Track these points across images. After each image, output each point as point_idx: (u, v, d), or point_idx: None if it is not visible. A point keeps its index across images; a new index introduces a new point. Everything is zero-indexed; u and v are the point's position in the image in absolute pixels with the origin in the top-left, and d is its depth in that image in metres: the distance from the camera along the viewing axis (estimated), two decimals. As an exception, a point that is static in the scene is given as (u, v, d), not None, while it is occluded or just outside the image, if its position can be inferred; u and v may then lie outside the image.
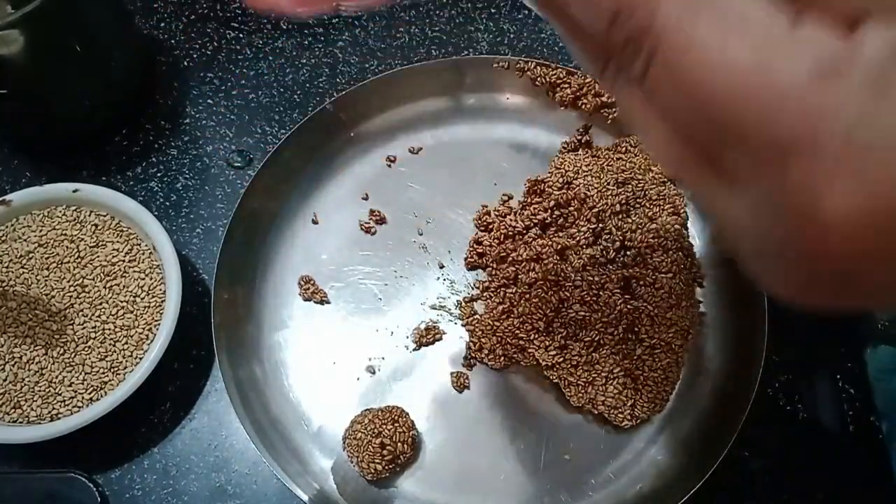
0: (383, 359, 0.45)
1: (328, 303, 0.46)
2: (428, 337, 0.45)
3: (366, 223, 0.48)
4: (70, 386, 0.42)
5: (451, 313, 0.46)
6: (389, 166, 0.50)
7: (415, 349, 0.45)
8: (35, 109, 0.49)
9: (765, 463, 0.43)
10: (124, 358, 0.43)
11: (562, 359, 0.42)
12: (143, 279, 0.45)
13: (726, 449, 0.39)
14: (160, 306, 0.44)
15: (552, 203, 0.45)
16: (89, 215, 0.46)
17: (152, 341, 0.43)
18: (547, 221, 0.46)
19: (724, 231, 0.18)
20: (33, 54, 0.44)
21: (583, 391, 0.42)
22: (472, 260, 0.47)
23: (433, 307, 0.46)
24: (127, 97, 0.53)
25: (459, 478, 0.42)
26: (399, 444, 0.40)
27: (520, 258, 0.44)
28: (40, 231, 0.46)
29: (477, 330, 0.44)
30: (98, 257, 0.45)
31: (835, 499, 0.42)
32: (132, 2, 0.58)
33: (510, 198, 0.49)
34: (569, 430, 0.43)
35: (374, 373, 0.44)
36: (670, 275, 0.43)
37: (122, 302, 0.44)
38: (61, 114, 0.50)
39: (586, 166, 0.47)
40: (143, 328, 0.43)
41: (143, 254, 0.46)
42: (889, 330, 0.47)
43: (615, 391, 0.42)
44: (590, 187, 0.46)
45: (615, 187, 0.46)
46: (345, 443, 0.41)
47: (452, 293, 0.46)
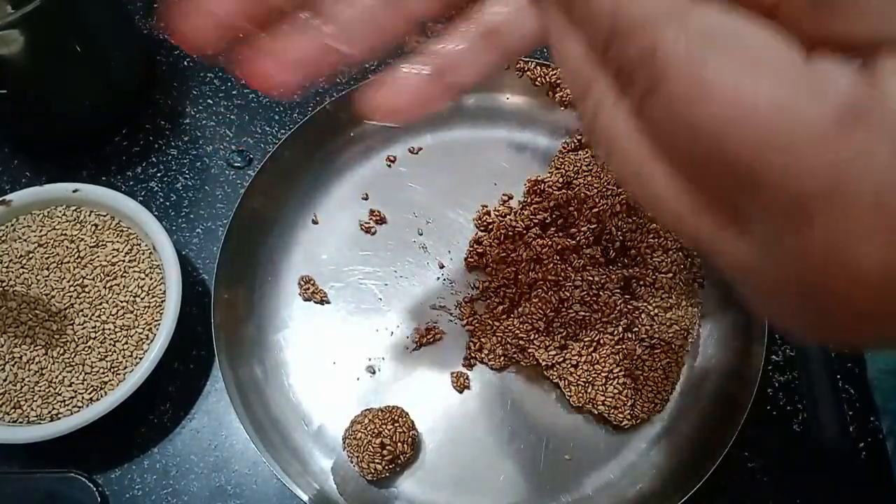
0: (383, 359, 0.45)
1: (328, 303, 0.46)
2: (428, 337, 0.45)
3: (366, 223, 0.48)
4: (70, 386, 0.42)
5: (451, 313, 0.46)
6: (389, 166, 0.50)
7: (415, 349, 0.45)
8: (35, 109, 0.49)
9: (765, 463, 0.43)
10: (124, 358, 0.43)
11: (562, 359, 0.42)
12: (143, 279, 0.45)
13: (726, 449, 0.39)
14: (160, 306, 0.44)
15: (552, 203, 0.45)
16: (89, 215, 0.46)
17: (152, 341, 0.43)
18: (547, 222, 0.46)
19: (726, 270, 0.17)
20: (33, 54, 0.44)
21: (583, 391, 0.42)
22: (472, 260, 0.47)
23: (433, 307, 0.46)
24: (127, 97, 0.53)
25: (459, 478, 0.42)
26: (399, 444, 0.40)
27: (520, 258, 0.44)
28: (40, 231, 0.46)
29: (477, 330, 0.44)
30: (98, 257, 0.45)
31: (835, 499, 0.42)
32: (132, 2, 0.58)
33: (510, 198, 0.49)
34: (569, 430, 0.43)
35: (374, 373, 0.44)
36: (670, 275, 0.43)
37: (122, 302, 0.44)
38: (61, 114, 0.50)
39: (586, 166, 0.47)
40: (143, 328, 0.43)
41: (143, 254, 0.46)
42: None
43: (615, 391, 0.42)
44: (590, 187, 0.46)
45: (615, 187, 0.46)
46: (345, 443, 0.41)
47: (452, 293, 0.46)
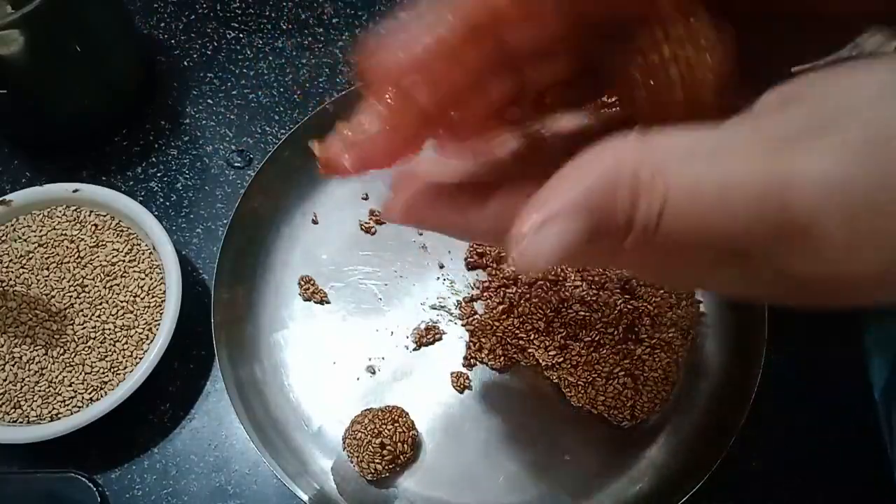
0: (383, 359, 0.45)
1: (328, 303, 0.46)
2: (428, 337, 0.45)
3: (366, 223, 0.48)
4: (70, 386, 0.42)
5: (451, 313, 0.46)
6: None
7: (415, 349, 0.45)
8: (35, 109, 0.49)
9: (765, 463, 0.43)
10: (124, 358, 0.43)
11: (562, 359, 0.42)
12: (143, 279, 0.45)
13: (726, 449, 0.39)
14: (160, 306, 0.44)
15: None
16: (89, 215, 0.46)
17: (152, 341, 0.43)
18: (547, 221, 0.46)
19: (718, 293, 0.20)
20: (33, 54, 0.44)
21: (583, 391, 0.42)
22: (472, 260, 0.47)
23: (433, 307, 0.46)
24: (127, 97, 0.53)
25: (459, 478, 0.42)
26: (399, 444, 0.40)
27: (520, 258, 0.44)
28: (40, 231, 0.46)
29: (477, 330, 0.44)
30: (98, 257, 0.45)
31: (835, 499, 0.42)
32: (132, 2, 0.58)
33: None
34: (569, 430, 0.43)
35: (374, 373, 0.44)
36: (670, 275, 0.43)
37: (122, 302, 0.44)
38: (61, 114, 0.50)
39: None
40: (143, 328, 0.43)
41: (143, 254, 0.46)
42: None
43: (615, 391, 0.41)
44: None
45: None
46: (345, 443, 0.41)
47: (452, 293, 0.46)
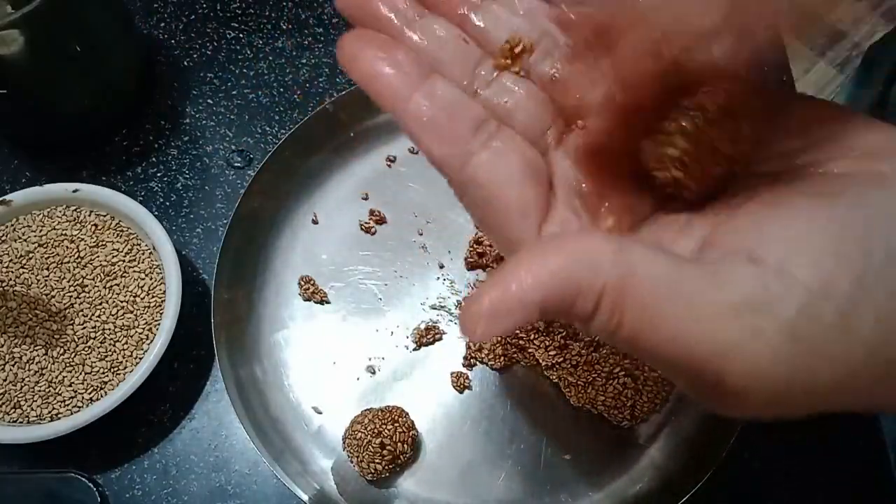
0: (383, 359, 0.45)
1: (328, 303, 0.46)
2: (428, 337, 0.45)
3: (366, 223, 0.48)
4: (70, 386, 0.42)
5: (451, 313, 0.46)
6: (389, 166, 0.50)
7: (415, 349, 0.45)
8: (35, 109, 0.49)
9: (765, 463, 0.43)
10: (124, 358, 0.43)
11: (562, 359, 0.42)
12: (143, 279, 0.45)
13: (726, 449, 0.39)
14: (160, 306, 0.44)
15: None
16: (89, 215, 0.46)
17: (152, 341, 0.43)
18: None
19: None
20: (33, 54, 0.44)
21: (583, 391, 0.42)
22: (472, 260, 0.47)
23: (433, 307, 0.46)
24: (127, 97, 0.53)
25: (459, 478, 0.42)
26: (399, 444, 0.40)
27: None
28: (40, 231, 0.46)
29: (477, 330, 0.44)
30: (98, 257, 0.45)
31: (835, 499, 0.42)
32: (132, 2, 0.58)
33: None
34: (569, 430, 0.43)
35: (374, 373, 0.44)
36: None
37: (122, 302, 0.44)
38: (61, 114, 0.50)
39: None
40: (143, 328, 0.43)
41: (143, 254, 0.46)
42: None
43: (615, 391, 0.42)
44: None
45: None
46: (345, 443, 0.41)
47: (452, 293, 0.46)
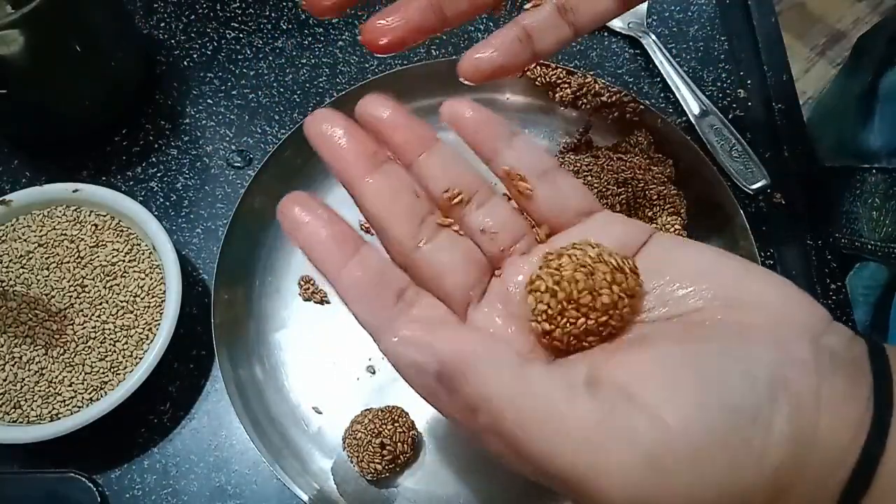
0: (383, 359, 0.45)
1: (328, 303, 0.46)
2: (428, 337, 0.45)
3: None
4: (70, 386, 0.42)
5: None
6: (389, 166, 0.50)
7: (415, 349, 0.45)
8: (35, 109, 0.49)
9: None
10: (124, 358, 0.43)
11: (562, 359, 0.42)
12: (143, 279, 0.45)
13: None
14: (160, 306, 0.44)
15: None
16: (89, 215, 0.46)
17: (152, 341, 0.43)
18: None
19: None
20: (33, 54, 0.44)
21: (583, 391, 0.42)
22: (472, 260, 0.47)
23: (433, 307, 0.46)
24: (127, 97, 0.53)
25: (459, 477, 0.42)
26: (399, 444, 0.40)
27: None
28: (40, 231, 0.46)
29: (477, 330, 0.44)
30: (98, 257, 0.45)
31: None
32: (132, 2, 0.58)
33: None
34: (569, 430, 0.43)
35: (374, 373, 0.44)
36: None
37: (122, 302, 0.44)
38: (61, 114, 0.50)
39: (586, 166, 0.47)
40: (143, 328, 0.43)
41: (143, 254, 0.46)
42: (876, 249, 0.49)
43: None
44: (590, 187, 0.46)
45: (615, 187, 0.45)
46: (345, 443, 0.41)
47: (452, 293, 0.46)
